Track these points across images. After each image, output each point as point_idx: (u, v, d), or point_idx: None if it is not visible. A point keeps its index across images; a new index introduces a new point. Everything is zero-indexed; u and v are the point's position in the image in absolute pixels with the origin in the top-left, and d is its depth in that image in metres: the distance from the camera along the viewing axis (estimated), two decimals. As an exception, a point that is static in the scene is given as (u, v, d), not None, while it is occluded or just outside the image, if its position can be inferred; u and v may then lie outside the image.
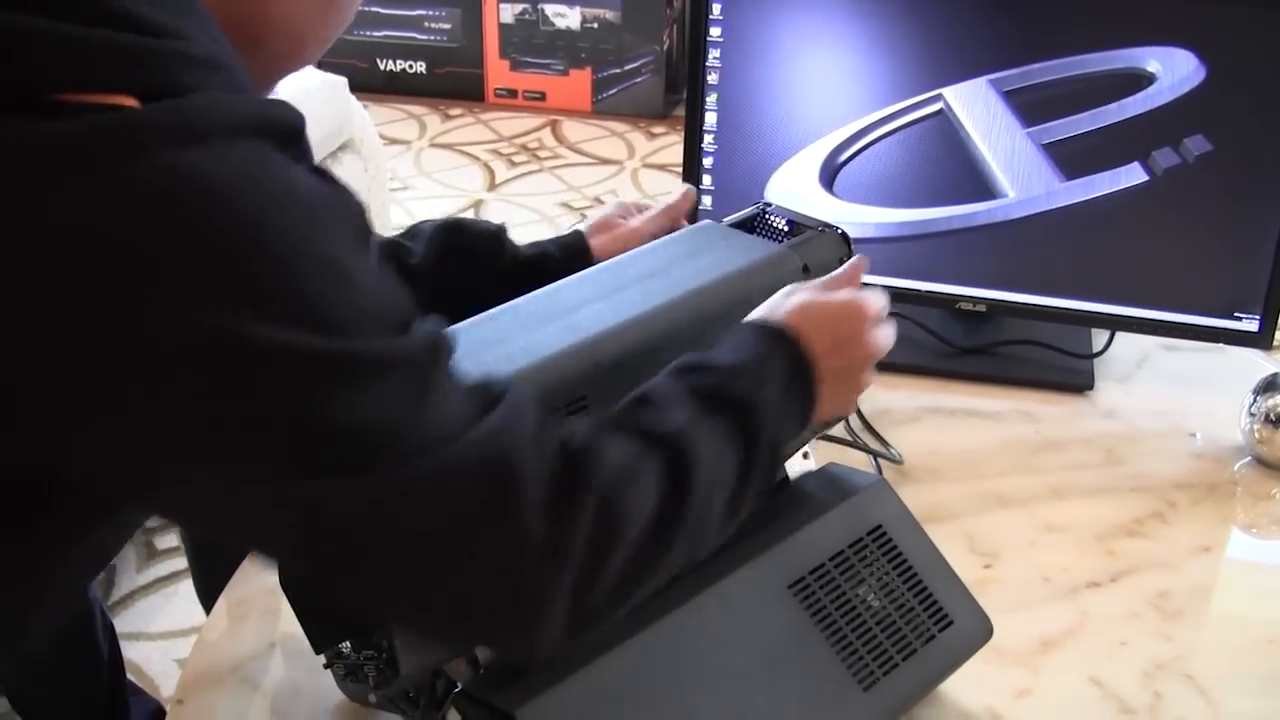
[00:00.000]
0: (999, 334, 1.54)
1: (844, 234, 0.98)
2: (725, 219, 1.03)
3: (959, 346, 1.53)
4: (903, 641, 0.98)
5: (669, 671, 0.89)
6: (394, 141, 3.98)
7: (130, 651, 2.12)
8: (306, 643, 1.05)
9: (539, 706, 0.84)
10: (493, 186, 3.72)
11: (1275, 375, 1.36)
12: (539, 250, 1.18)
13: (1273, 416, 1.34)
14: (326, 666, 1.02)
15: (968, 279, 1.49)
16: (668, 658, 0.90)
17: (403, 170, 3.82)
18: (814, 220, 1.00)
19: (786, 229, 1.01)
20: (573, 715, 0.85)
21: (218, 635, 1.14)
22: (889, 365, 1.49)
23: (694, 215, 1.49)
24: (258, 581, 1.20)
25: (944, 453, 1.37)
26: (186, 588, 2.20)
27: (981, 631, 1.03)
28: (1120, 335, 1.52)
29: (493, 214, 3.55)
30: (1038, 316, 1.49)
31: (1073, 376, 1.49)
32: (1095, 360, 1.51)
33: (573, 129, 4.13)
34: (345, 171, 2.81)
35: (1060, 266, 1.46)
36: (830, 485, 1.05)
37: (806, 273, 0.95)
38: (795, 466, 1.06)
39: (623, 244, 1.14)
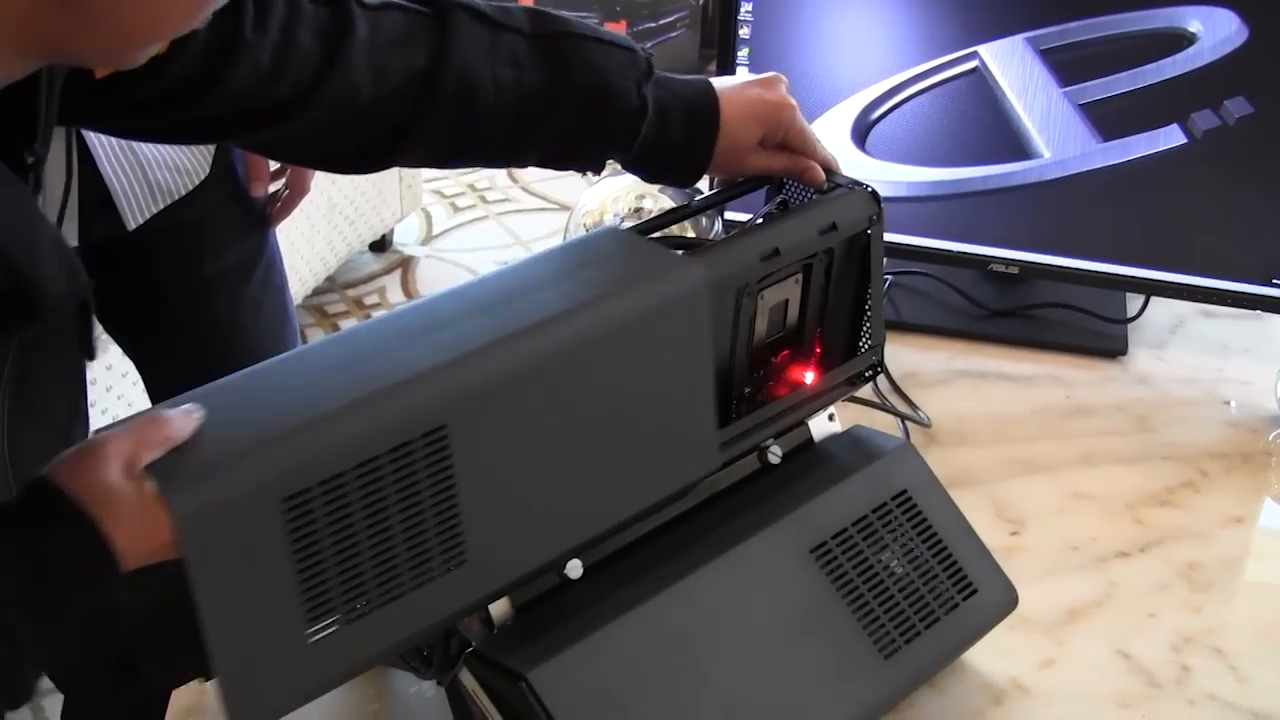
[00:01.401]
0: (1031, 297, 1.52)
1: (873, 192, 0.96)
2: (755, 175, 1.01)
3: (990, 308, 1.50)
4: (925, 609, 0.97)
5: (685, 636, 0.88)
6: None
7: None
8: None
9: (551, 668, 0.83)
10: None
11: (1314, 343, 1.33)
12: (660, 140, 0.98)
13: (1310, 386, 1.31)
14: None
15: (1001, 240, 1.46)
16: (684, 622, 0.88)
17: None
18: (843, 178, 0.97)
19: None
20: (586, 678, 0.84)
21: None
22: (919, 326, 1.49)
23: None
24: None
25: (973, 417, 1.35)
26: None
27: (1007, 600, 1.01)
28: (1155, 300, 1.49)
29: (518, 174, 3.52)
30: (1071, 279, 1.46)
31: (1106, 341, 1.47)
32: (1129, 325, 1.48)
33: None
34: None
35: (1095, 229, 1.43)
36: (855, 448, 1.03)
37: (834, 230, 0.93)
38: (820, 428, 1.04)
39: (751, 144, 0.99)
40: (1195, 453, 1.31)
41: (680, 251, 0.87)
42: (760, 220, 0.96)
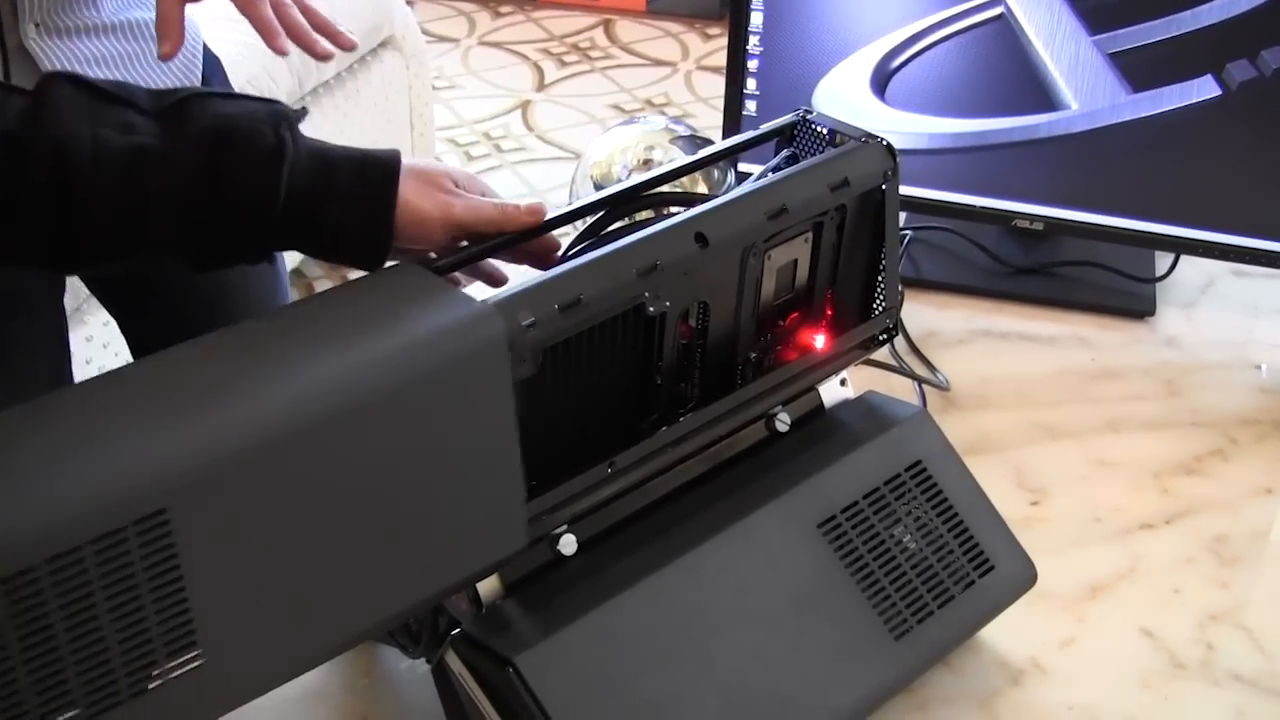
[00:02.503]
0: (1056, 254, 1.46)
1: (888, 145, 0.90)
2: (763, 126, 0.95)
3: (1013, 266, 1.45)
4: (939, 587, 0.92)
5: (685, 615, 0.84)
6: (442, 39, 3.89)
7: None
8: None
9: (541, 653, 0.78)
10: (541, 87, 3.63)
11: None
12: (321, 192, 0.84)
13: (1347, 350, 1.25)
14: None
15: (1025, 194, 1.40)
16: (684, 600, 0.84)
17: (449, 69, 3.74)
18: (857, 130, 0.92)
19: (828, 137, 0.94)
20: (578, 662, 0.79)
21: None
22: (939, 284, 1.43)
23: (737, 126, 1.42)
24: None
25: (993, 379, 1.30)
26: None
27: (1024, 577, 0.97)
28: (1185, 259, 1.43)
29: (540, 114, 3.46)
30: (1098, 236, 1.40)
31: (1133, 301, 1.41)
32: (1157, 285, 1.43)
33: (626, 29, 4.02)
34: (385, 69, 2.74)
35: (1124, 184, 1.37)
36: (867, 415, 0.98)
37: (847, 185, 0.88)
38: (831, 394, 0.99)
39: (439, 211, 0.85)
40: (1224, 419, 1.26)
41: (483, 300, 0.74)
42: (768, 175, 0.91)
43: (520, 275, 0.81)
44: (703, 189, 1.36)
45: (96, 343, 1.96)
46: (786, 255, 0.89)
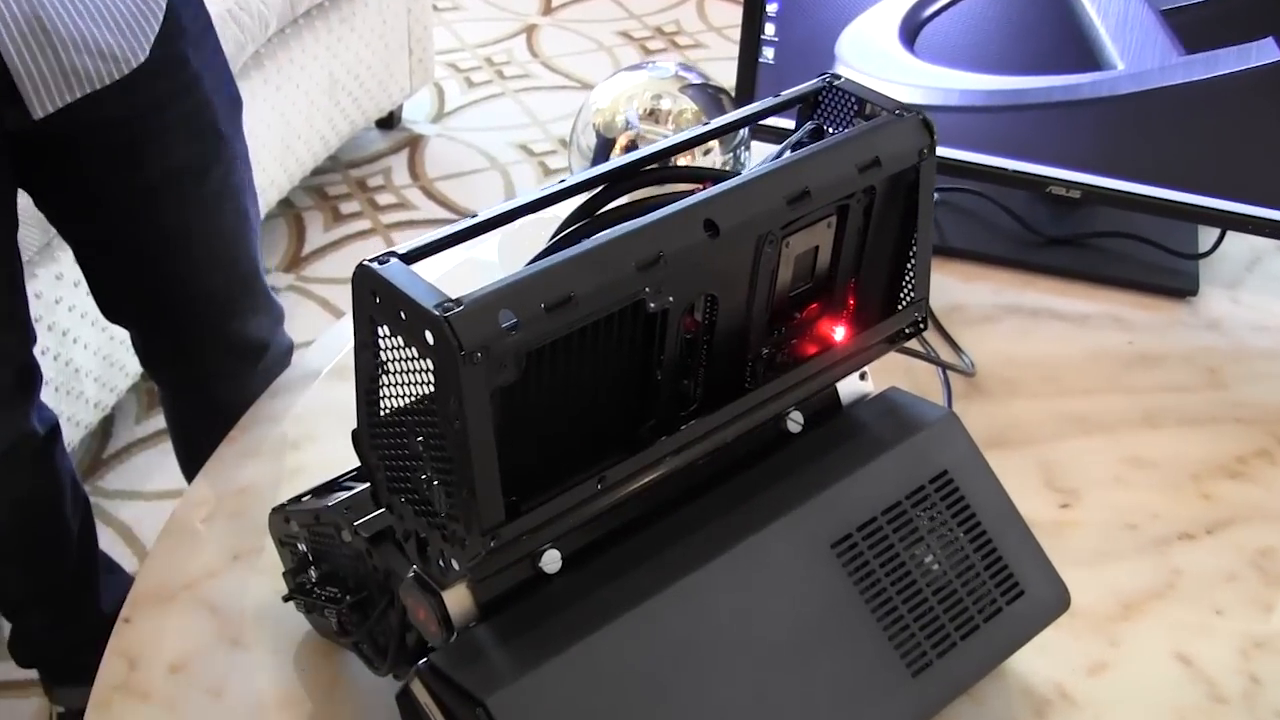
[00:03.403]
0: (1091, 224, 1.35)
1: (925, 120, 0.79)
2: (784, 92, 0.84)
3: (1046, 235, 1.34)
4: (962, 616, 0.82)
5: (680, 649, 0.74)
6: (445, -43, 3.75)
7: (123, 512, 2.00)
8: (275, 558, 0.92)
9: (516, 693, 0.69)
10: (548, 10, 3.49)
11: None
12: None
13: None
14: (285, 599, 0.88)
15: (1062, 159, 1.29)
16: (680, 631, 0.74)
17: (453, -11, 3.60)
18: (890, 100, 0.81)
19: (856, 107, 0.83)
20: (558, 704, 0.70)
21: (174, 543, 1.00)
22: (965, 253, 1.33)
23: (752, 75, 1.31)
24: (228, 477, 1.06)
25: (1022, 362, 1.20)
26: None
27: (1056, 603, 0.87)
28: (1231, 235, 1.32)
29: (546, 40, 3.33)
30: (1139, 208, 1.29)
31: (1174, 279, 1.30)
32: (1200, 262, 1.32)
33: (637, -48, 3.86)
34: (384, -10, 2.61)
35: (1170, 152, 1.26)
36: (889, 417, 0.88)
37: (876, 165, 0.77)
38: (850, 388, 0.90)
39: None
40: (1271, 415, 1.16)
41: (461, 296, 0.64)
42: (787, 153, 0.80)
43: (493, 264, 0.71)
44: (715, 154, 1.25)
45: (67, 280, 1.86)
46: (806, 242, 0.79)
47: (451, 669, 0.71)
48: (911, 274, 0.84)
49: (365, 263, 0.66)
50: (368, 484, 0.79)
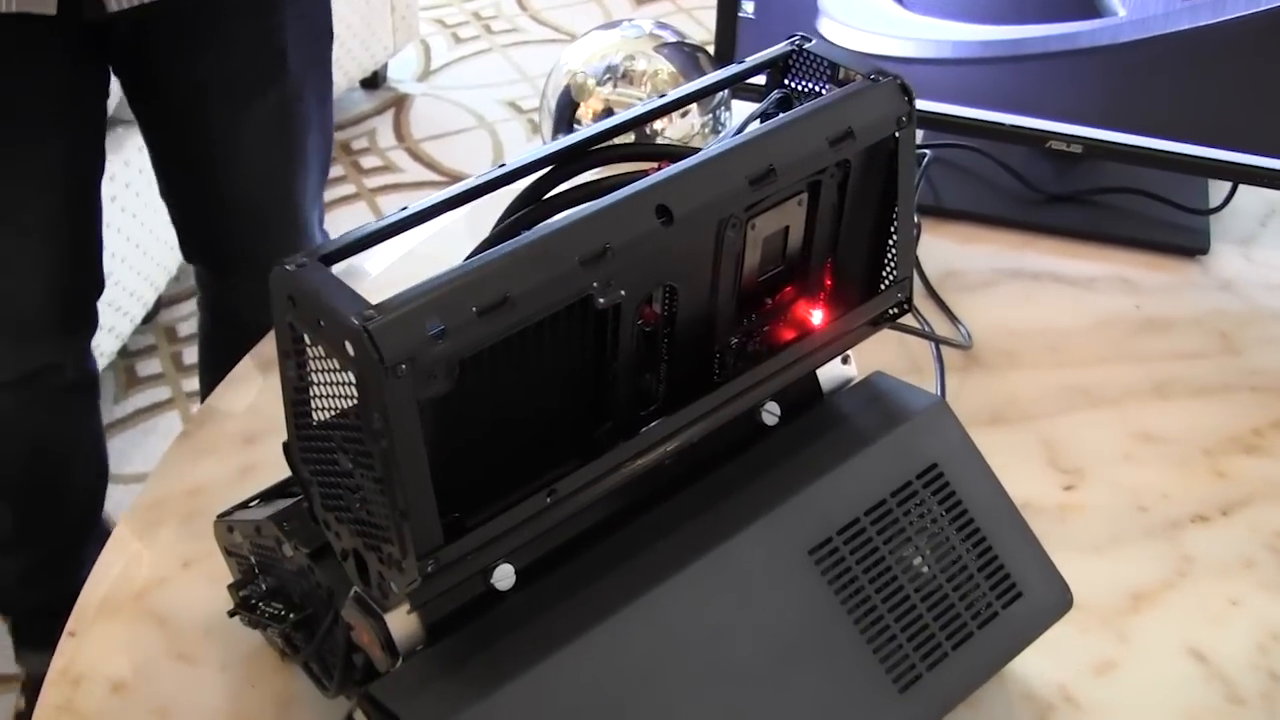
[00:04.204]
0: (1094, 180, 1.28)
1: (903, 85, 0.72)
2: (748, 59, 0.77)
3: (1046, 193, 1.27)
4: (955, 623, 0.76)
5: (644, 670, 0.68)
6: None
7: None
8: (224, 566, 0.86)
9: (461, 730, 0.63)
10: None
11: None
12: None
13: None
14: (230, 614, 0.82)
15: (1063, 112, 1.22)
16: (645, 652, 0.68)
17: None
18: (865, 63, 0.74)
19: (827, 73, 0.76)
20: (508, 741, 0.64)
21: (123, 549, 0.94)
22: (961, 214, 1.26)
23: (733, 31, 1.23)
24: (179, 476, 1.00)
25: (1022, 331, 1.13)
26: (168, 423, 2.01)
27: (1057, 605, 0.81)
28: (1243, 189, 1.25)
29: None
30: (1144, 162, 1.22)
31: (1183, 236, 1.23)
32: (1211, 218, 1.25)
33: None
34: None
35: (1176, 102, 1.19)
36: (873, 406, 0.82)
37: (850, 138, 0.70)
38: (831, 374, 0.83)
39: None
40: (1288, 383, 1.09)
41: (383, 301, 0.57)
42: (753, 125, 0.73)
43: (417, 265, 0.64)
44: (694, 115, 1.18)
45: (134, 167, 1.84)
46: (775, 222, 0.72)
47: (392, 700, 0.65)
48: (894, 252, 0.78)
49: (282, 265, 0.60)
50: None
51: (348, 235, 0.62)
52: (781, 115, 0.70)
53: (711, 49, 1.25)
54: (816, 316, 0.77)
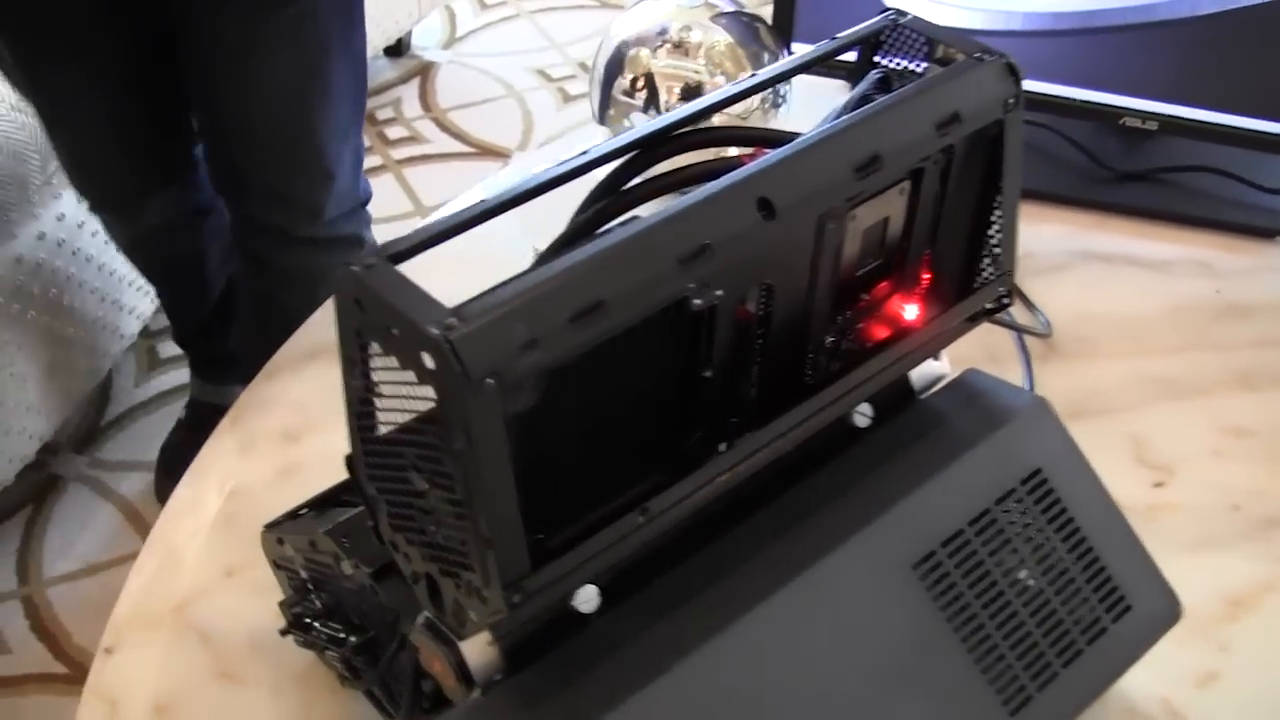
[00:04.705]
0: (1167, 158, 1.22)
1: (1010, 63, 0.67)
2: (839, 35, 0.71)
3: (1118, 171, 1.21)
4: (1064, 640, 0.71)
5: (744, 699, 0.63)
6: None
7: (123, 486, 1.90)
8: (269, 575, 0.81)
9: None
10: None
11: None
12: None
13: None
14: (283, 632, 0.77)
15: (1137, 88, 1.16)
16: (743, 680, 0.63)
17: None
18: (966, 41, 0.68)
19: (924, 51, 0.70)
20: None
21: (159, 557, 0.90)
22: (1030, 193, 1.19)
23: (791, 1, 1.18)
24: (218, 477, 0.95)
25: (1099, 318, 1.08)
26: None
27: (1166, 616, 0.76)
28: (1326, 165, 1.20)
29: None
30: (1220, 139, 1.16)
31: (1261, 216, 1.18)
32: (1290, 197, 1.19)
33: None
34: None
35: (1255, 77, 1.13)
36: (969, 405, 0.76)
37: (957, 121, 0.64)
38: (922, 371, 0.78)
39: None
40: (1380, 372, 1.04)
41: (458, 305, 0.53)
42: (852, 110, 0.67)
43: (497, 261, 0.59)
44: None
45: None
46: (875, 213, 0.67)
47: (474, 735, 0.60)
48: (997, 243, 0.72)
49: (349, 265, 0.54)
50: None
51: (420, 231, 0.57)
52: (883, 98, 0.64)
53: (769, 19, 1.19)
54: (914, 312, 0.72)
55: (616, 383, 0.60)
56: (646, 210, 0.66)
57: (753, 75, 0.67)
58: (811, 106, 1.23)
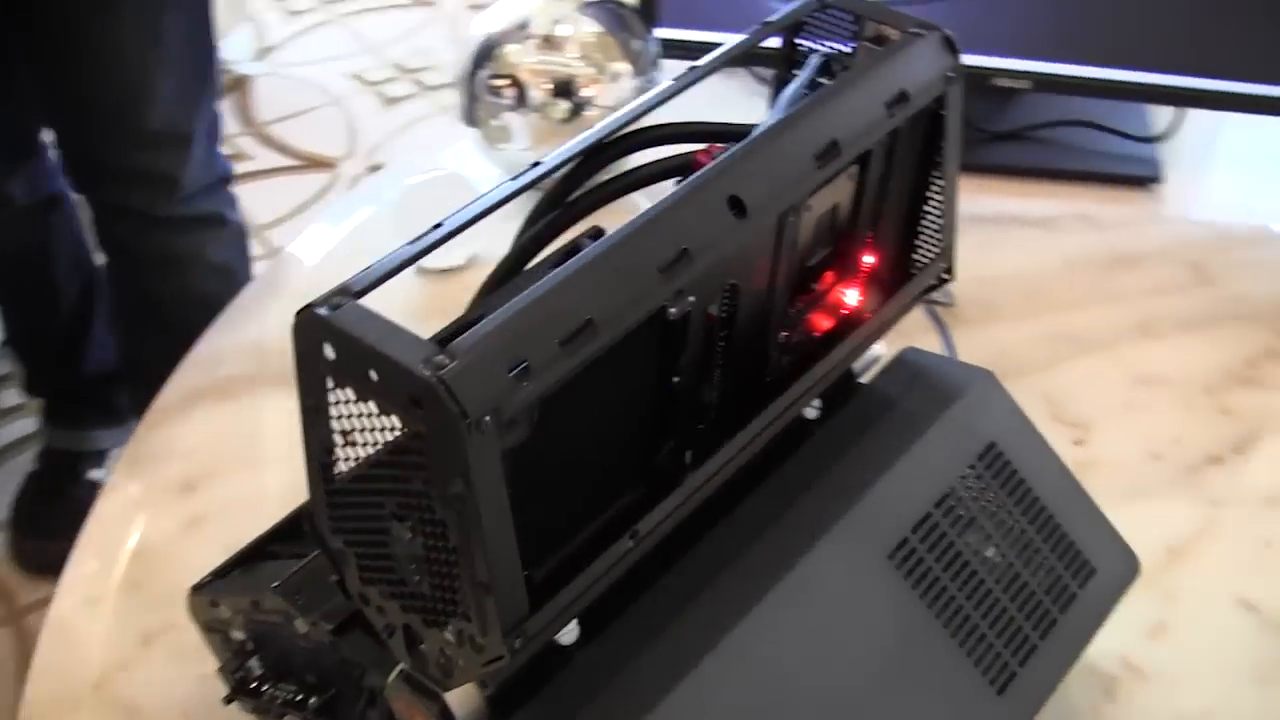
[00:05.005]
0: (1035, 115, 1.23)
1: (947, 36, 0.66)
2: (768, 20, 0.69)
3: (990, 132, 1.22)
4: (1038, 612, 0.70)
5: (744, 711, 0.61)
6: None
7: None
8: (191, 638, 0.76)
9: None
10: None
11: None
12: None
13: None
14: (227, 701, 0.72)
15: (1005, 47, 1.16)
16: (738, 697, 0.61)
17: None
18: (899, 16, 0.67)
19: (851, 31, 0.68)
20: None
21: (66, 632, 0.83)
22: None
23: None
24: (116, 537, 0.88)
25: (997, 279, 1.08)
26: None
27: (1128, 574, 0.76)
28: (1190, 113, 1.22)
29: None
30: (1091, 92, 1.18)
31: (1136, 166, 1.19)
32: (1160, 145, 1.21)
33: None
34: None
35: (1118, 29, 1.14)
36: (917, 387, 0.75)
37: (904, 100, 0.63)
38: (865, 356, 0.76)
39: None
40: (1268, 309, 1.06)
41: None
42: (800, 98, 0.65)
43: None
44: (625, 79, 1.10)
45: None
46: (826, 201, 0.65)
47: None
48: (939, 220, 0.71)
49: (312, 309, 0.50)
50: (312, 554, 0.64)
51: (379, 265, 0.53)
52: (832, 83, 0.62)
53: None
54: (862, 297, 0.70)
55: (594, 402, 0.57)
56: (592, 220, 0.64)
57: (691, 69, 0.64)
58: (690, 95, 1.21)
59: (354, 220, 1.13)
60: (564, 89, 1.10)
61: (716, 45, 0.66)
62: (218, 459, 0.93)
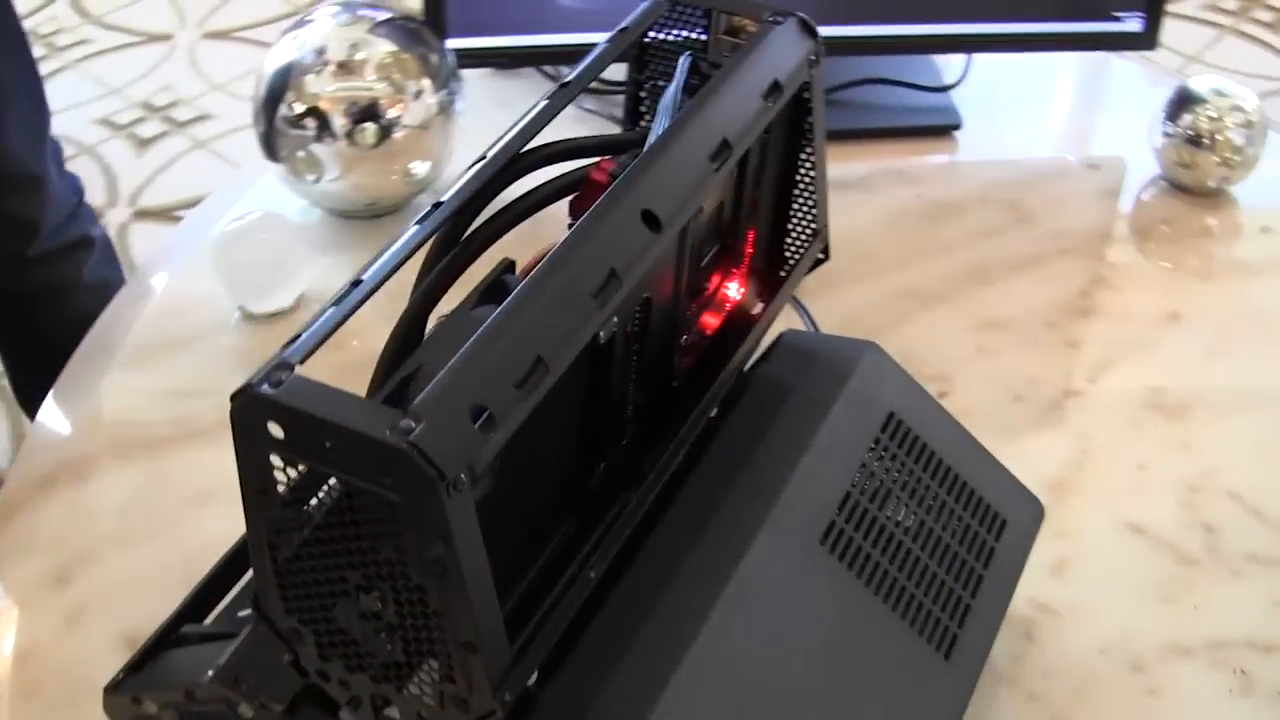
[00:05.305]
0: (832, 79, 1.25)
1: (804, 20, 0.66)
2: (623, 25, 0.68)
3: (790, 103, 1.23)
4: (964, 570, 0.72)
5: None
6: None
7: None
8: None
9: None
10: None
11: (1184, 87, 1.13)
12: None
13: (1194, 135, 1.11)
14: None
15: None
16: (712, 706, 0.60)
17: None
18: (752, 6, 0.67)
19: (701, 25, 0.68)
20: None
21: (45, 638, 0.78)
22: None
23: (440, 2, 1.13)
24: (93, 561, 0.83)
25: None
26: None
27: (1034, 519, 0.78)
28: (976, 59, 1.26)
29: (81, -4, 2.94)
30: (878, 50, 1.20)
31: (935, 116, 1.23)
32: (953, 93, 1.25)
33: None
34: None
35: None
36: (807, 368, 0.75)
37: (778, 89, 0.63)
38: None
39: None
40: (1087, 238, 1.11)
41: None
42: (679, 101, 0.64)
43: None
44: (427, 94, 1.07)
45: None
46: (713, 200, 0.64)
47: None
48: (811, 202, 0.71)
49: (252, 388, 0.47)
50: (241, 633, 0.61)
51: (311, 334, 0.50)
52: (709, 82, 0.62)
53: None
54: (736, 291, 0.70)
55: (533, 437, 0.55)
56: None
57: (562, 85, 0.63)
58: (486, 100, 1.19)
59: (178, 272, 1.07)
60: (368, 113, 1.07)
61: (509, 50, 0.65)
62: (84, 545, 0.88)
